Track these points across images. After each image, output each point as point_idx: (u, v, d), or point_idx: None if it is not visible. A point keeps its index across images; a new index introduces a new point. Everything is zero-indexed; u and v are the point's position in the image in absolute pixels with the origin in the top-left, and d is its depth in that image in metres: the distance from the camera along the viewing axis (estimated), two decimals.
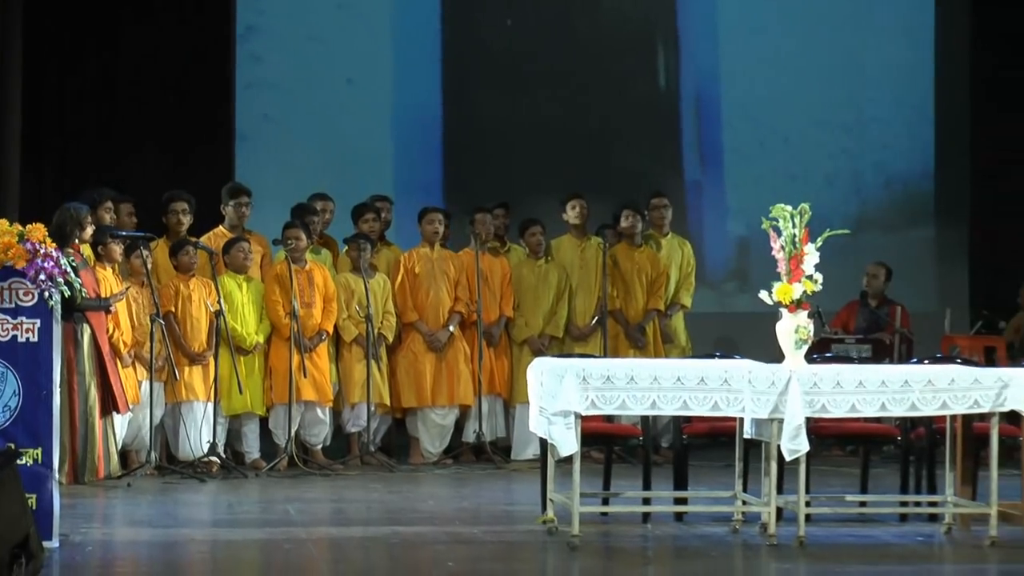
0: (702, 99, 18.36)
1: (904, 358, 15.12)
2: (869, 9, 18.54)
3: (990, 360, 14.52)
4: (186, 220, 14.77)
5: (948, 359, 12.95)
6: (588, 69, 18.14)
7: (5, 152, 15.60)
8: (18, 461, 9.74)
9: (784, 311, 11.16)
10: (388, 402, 15.24)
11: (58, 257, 10.44)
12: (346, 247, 15.30)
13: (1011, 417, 11.20)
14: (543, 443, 11.43)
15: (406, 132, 18.05)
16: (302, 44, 17.87)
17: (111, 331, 13.60)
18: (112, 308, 13.59)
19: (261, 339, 14.68)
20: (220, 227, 15.03)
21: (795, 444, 10.77)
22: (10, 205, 14.75)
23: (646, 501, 11.95)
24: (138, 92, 16.83)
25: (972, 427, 11.74)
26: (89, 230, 13.56)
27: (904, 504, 12.08)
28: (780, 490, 11.08)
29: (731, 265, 17.40)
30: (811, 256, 11.14)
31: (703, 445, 12.61)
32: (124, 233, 14.17)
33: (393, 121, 18.02)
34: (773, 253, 11.24)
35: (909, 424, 12.08)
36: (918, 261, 17.70)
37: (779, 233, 11.20)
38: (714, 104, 18.34)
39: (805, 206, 11.18)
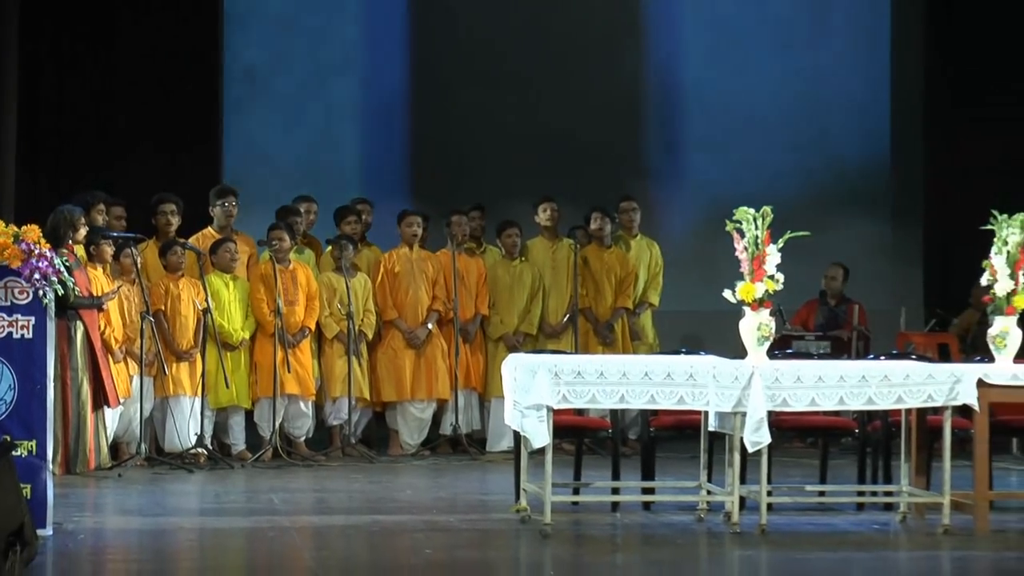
0: (668, 99, 18.33)
1: (861, 354, 15.13)
2: (827, 9, 18.51)
3: (944, 356, 14.53)
4: (175, 221, 14.75)
5: (903, 355, 12.95)
6: (558, 71, 18.08)
7: (1, 155, 15.55)
8: (13, 453, 9.73)
9: (747, 309, 11.17)
10: (368, 396, 15.24)
11: (52, 257, 10.42)
12: (328, 247, 15.30)
13: (963, 411, 11.20)
14: (517, 435, 11.42)
15: (377, 134, 18.00)
16: (288, 53, 17.83)
17: (103, 328, 13.57)
18: (104, 306, 13.58)
19: (247, 335, 14.66)
20: (208, 228, 15.01)
21: (757, 436, 10.79)
22: (6, 207, 14.72)
23: (615, 491, 11.97)
24: (130, 97, 16.78)
25: (926, 420, 11.77)
26: (82, 231, 13.54)
27: (861, 494, 12.10)
28: (743, 480, 11.06)
29: (695, 259, 17.37)
30: (772, 257, 11.16)
31: (669, 437, 12.60)
32: (115, 234, 14.16)
33: (364, 123, 17.98)
34: (737, 254, 11.24)
35: (866, 417, 12.08)
36: (875, 262, 17.72)
37: (742, 235, 11.21)
38: (679, 104, 18.32)
39: (767, 209, 11.18)
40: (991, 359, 11.63)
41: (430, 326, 15.36)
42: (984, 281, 11.78)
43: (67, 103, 16.44)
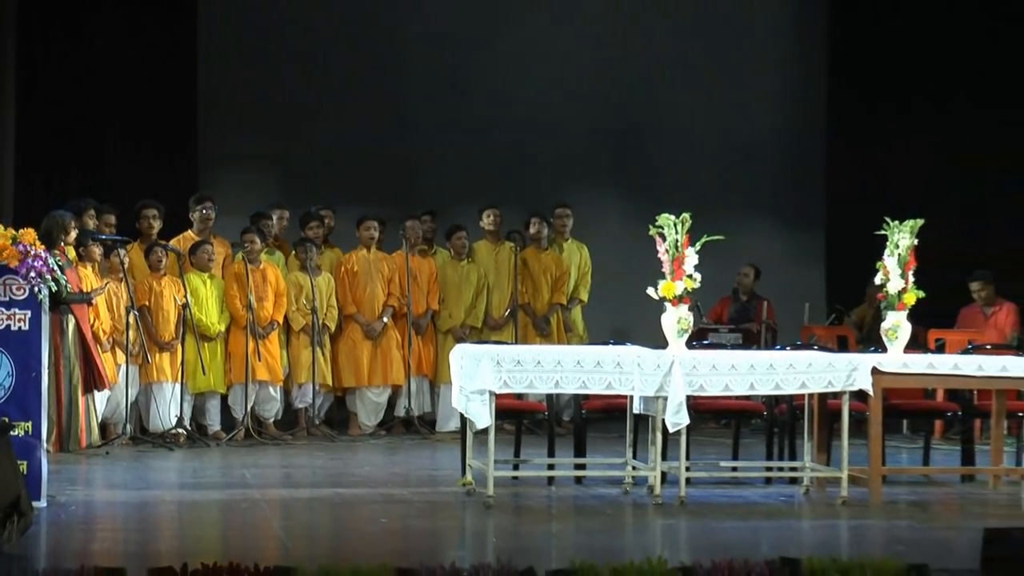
0: (600, 116, 18.29)
1: (769, 345, 15.17)
2: (738, 28, 18.54)
3: (842, 347, 14.59)
4: (156, 225, 14.73)
5: (807, 346, 12.99)
6: (503, 90, 18.05)
7: (1, 165, 15.47)
8: (11, 432, 9.70)
9: (668, 305, 11.20)
10: (330, 382, 15.22)
11: (46, 257, 10.40)
12: (295, 250, 15.28)
13: (859, 395, 11.27)
14: (463, 417, 11.43)
15: (339, 145, 17.92)
16: (257, 76, 17.75)
17: (92, 321, 13.53)
18: (93, 301, 13.53)
19: (222, 328, 14.62)
20: (188, 231, 14.97)
21: (677, 418, 10.83)
22: (4, 211, 14.65)
23: (550, 467, 11.99)
24: (117, 111, 16.65)
25: (827, 404, 11.81)
26: (73, 234, 13.49)
27: (769, 469, 12.16)
28: (664, 457, 11.09)
29: (622, 259, 17.35)
30: (691, 258, 11.20)
31: (599, 419, 12.62)
32: (103, 236, 14.13)
33: (324, 137, 17.90)
34: (659, 255, 11.27)
35: (773, 401, 12.13)
36: (782, 262, 17.73)
37: (664, 238, 11.24)
38: (611, 119, 18.28)
39: (686, 215, 11.23)
40: (884, 350, 11.71)
41: (386, 319, 15.33)
42: (878, 280, 11.85)
43: (59, 116, 16.32)
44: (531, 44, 18.03)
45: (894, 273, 11.68)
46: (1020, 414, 12.91)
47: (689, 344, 11.34)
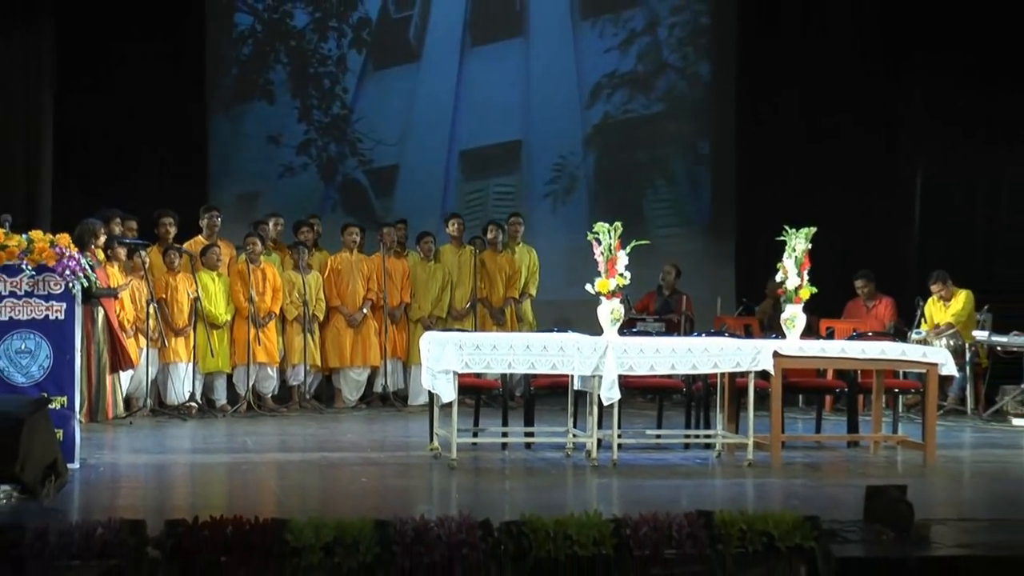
0: (551, 136, 18.30)
1: (688, 333, 15.21)
2: (657, 54, 18.54)
3: (748, 334, 14.65)
4: (172, 230, 14.68)
5: (719, 333, 13.04)
6: (468, 118, 18.07)
7: (40, 176, 15.39)
8: (49, 405, 9.68)
9: (603, 299, 11.23)
10: (319, 363, 15.20)
11: (79, 258, 10.38)
12: (289, 251, 15.28)
13: (763, 374, 11.30)
14: (431, 393, 11.41)
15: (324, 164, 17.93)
16: (259, 103, 17.75)
17: (118, 312, 13.50)
18: (119, 295, 13.51)
19: (228, 317, 14.59)
20: (199, 236, 14.94)
21: (610, 393, 10.85)
22: (44, 219, 14.59)
23: (504, 435, 12.00)
24: (139, 133, 16.59)
25: (735, 382, 11.86)
26: (102, 238, 13.47)
27: (687, 436, 12.17)
28: (599, 426, 11.10)
29: (565, 260, 17.36)
30: (622, 259, 11.23)
31: (545, 394, 12.63)
32: (127, 240, 14.10)
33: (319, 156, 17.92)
34: (595, 257, 11.30)
35: (691, 379, 12.16)
36: (699, 262, 17.78)
37: (600, 243, 11.27)
38: (556, 140, 18.29)
39: (618, 224, 11.25)
40: (783, 336, 11.75)
41: (365, 311, 15.32)
42: (778, 278, 11.91)
43: (91, 136, 16.25)
44: (496, 76, 18.06)
45: (791, 272, 11.75)
46: (896, 390, 13.01)
47: (620, 331, 11.37)
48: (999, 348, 15.03)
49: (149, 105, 16.55)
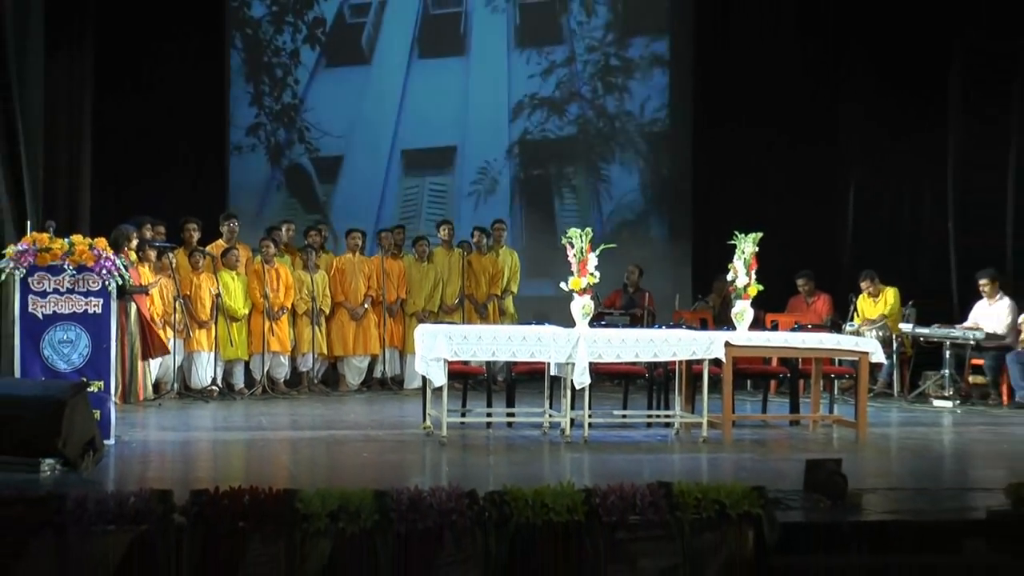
0: (528, 152, 18.27)
1: (650, 325, 15.23)
2: (615, 78, 18.50)
3: (703, 326, 14.63)
4: (196, 235, 14.67)
5: (677, 326, 13.04)
6: (464, 139, 18.05)
7: (80, 188, 15.35)
8: (88, 389, 9.69)
9: (575, 295, 11.24)
10: (325, 351, 15.21)
11: (114, 259, 10.38)
12: (299, 253, 15.27)
13: (716, 362, 11.33)
14: (424, 378, 11.43)
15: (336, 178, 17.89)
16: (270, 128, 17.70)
17: (149, 306, 13.48)
18: (149, 292, 13.50)
19: (245, 311, 14.59)
20: (219, 240, 14.92)
21: (582, 378, 10.87)
22: (83, 224, 14.55)
23: (488, 414, 12.00)
24: (166, 146, 16.49)
25: (692, 368, 11.89)
26: (134, 242, 13.46)
27: (649, 416, 12.18)
28: (573, 407, 11.12)
29: (543, 261, 17.36)
30: (592, 260, 11.24)
31: (525, 379, 12.61)
32: (157, 243, 14.09)
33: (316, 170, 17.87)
34: (569, 258, 11.32)
35: (653, 366, 12.18)
36: (660, 263, 17.79)
37: (573, 246, 11.28)
38: (531, 155, 18.26)
39: (588, 230, 11.28)
40: (733, 328, 11.79)
41: (366, 306, 15.33)
42: (729, 277, 11.94)
43: (125, 149, 16.15)
44: (480, 94, 18.02)
45: (741, 272, 11.78)
46: (832, 375, 13.03)
47: (591, 324, 11.38)
48: (922, 339, 15.09)
49: (177, 120, 16.45)
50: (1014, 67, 16.26)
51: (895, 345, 15.12)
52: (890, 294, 15.48)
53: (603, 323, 13.67)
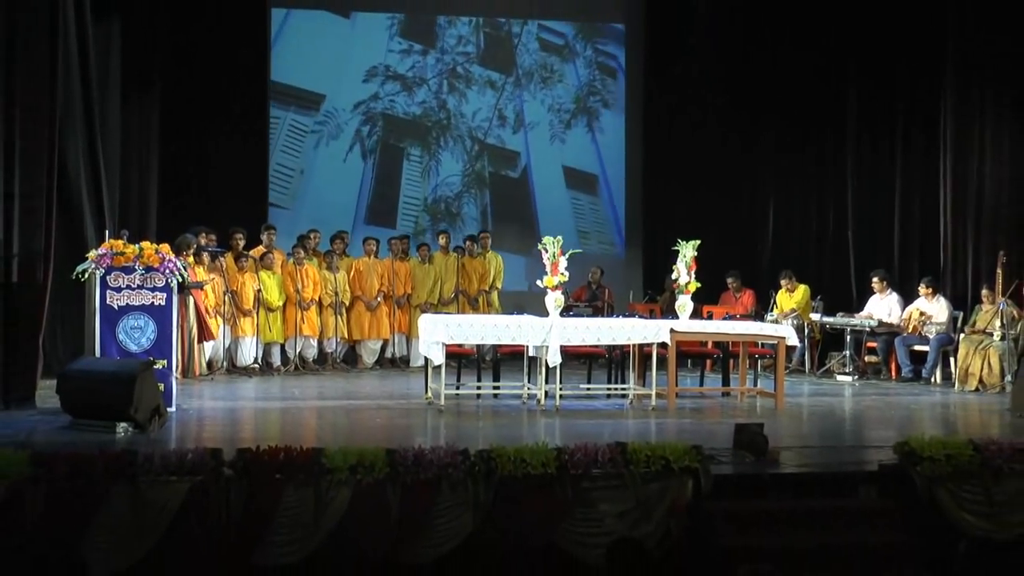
0: (505, 175, 18.13)
1: (609, 315, 15.19)
2: (571, 104, 18.22)
3: (653, 316, 14.65)
4: (241, 242, 14.58)
5: (631, 315, 13.08)
6: (451, 158, 17.98)
7: (148, 203, 15.30)
8: (154, 367, 9.70)
9: (549, 291, 11.27)
10: (346, 336, 15.13)
11: (175, 261, 10.40)
12: (324, 257, 15.23)
13: (662, 345, 11.35)
14: (426, 358, 11.44)
15: (354, 193, 17.74)
16: (300, 145, 17.58)
17: (204, 299, 13.44)
18: (204, 288, 13.45)
19: (280, 303, 14.48)
20: (260, 246, 14.86)
21: (554, 358, 10.91)
22: (151, 233, 14.48)
23: (478, 388, 12.02)
24: (221, 169, 16.32)
25: (643, 350, 11.89)
26: (193, 247, 13.44)
27: (609, 389, 12.20)
28: (547, 382, 11.14)
29: (523, 263, 17.31)
30: (563, 263, 11.27)
31: (508, 359, 12.65)
32: (210, 249, 14.03)
33: (337, 184, 17.76)
34: (544, 260, 11.34)
35: (612, 348, 12.18)
36: (618, 265, 17.74)
37: (547, 251, 11.31)
38: (508, 177, 18.15)
39: (559, 237, 11.32)
40: (676, 317, 11.81)
41: (379, 299, 15.26)
42: (673, 276, 11.97)
43: (187, 171, 16.01)
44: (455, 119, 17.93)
45: (683, 272, 11.81)
46: (756, 356, 13.07)
47: (561, 314, 11.42)
48: (827, 326, 15.12)
49: (226, 151, 16.31)
50: (898, 91, 16.27)
51: (806, 331, 15.15)
52: (802, 290, 15.52)
53: (572, 313, 13.68)
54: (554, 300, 11.29)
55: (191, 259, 13.37)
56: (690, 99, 17.45)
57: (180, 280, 10.39)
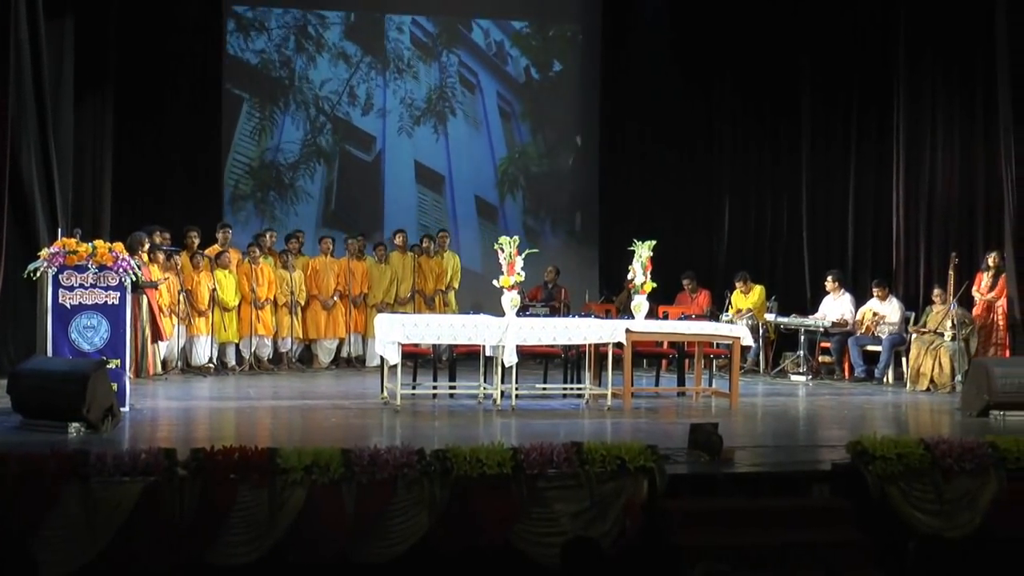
0: (470, 176, 18.08)
1: (565, 314, 15.24)
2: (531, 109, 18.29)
3: (609, 316, 14.72)
4: (196, 241, 14.52)
5: (587, 315, 13.12)
6: (402, 163, 17.94)
7: (102, 200, 15.15)
8: (107, 366, 9.62)
9: (505, 291, 11.28)
10: (301, 335, 15.10)
11: (129, 260, 10.32)
12: (280, 256, 15.16)
13: (618, 345, 11.38)
14: (382, 358, 11.42)
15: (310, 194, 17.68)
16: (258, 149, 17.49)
17: (158, 298, 13.36)
18: (158, 287, 13.38)
19: (236, 303, 14.45)
20: (215, 245, 14.79)
21: (510, 358, 10.91)
22: (104, 231, 14.34)
23: (434, 387, 11.99)
24: (176, 166, 16.24)
25: (599, 349, 11.91)
26: (146, 246, 13.37)
27: (565, 389, 12.22)
28: (503, 381, 11.15)
29: (479, 262, 17.30)
30: (519, 263, 11.28)
31: (464, 359, 12.63)
32: (164, 247, 13.95)
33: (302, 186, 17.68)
34: (500, 260, 11.35)
35: (568, 348, 12.20)
36: (574, 264, 17.76)
37: (503, 251, 11.31)
38: (472, 178, 18.07)
39: (516, 237, 11.34)
40: (632, 317, 11.85)
41: (335, 298, 15.24)
42: (630, 276, 12.01)
43: (139, 168, 15.87)
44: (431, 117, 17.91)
45: (639, 272, 11.85)
46: (711, 356, 13.13)
47: (518, 314, 11.41)
48: (782, 326, 15.24)
49: (182, 145, 16.20)
50: (852, 88, 16.42)
51: (761, 331, 15.25)
52: (757, 290, 15.62)
53: (528, 313, 13.70)
54: (510, 300, 11.29)
55: (145, 258, 13.29)
56: (645, 99, 17.51)
57: (134, 279, 10.32)
